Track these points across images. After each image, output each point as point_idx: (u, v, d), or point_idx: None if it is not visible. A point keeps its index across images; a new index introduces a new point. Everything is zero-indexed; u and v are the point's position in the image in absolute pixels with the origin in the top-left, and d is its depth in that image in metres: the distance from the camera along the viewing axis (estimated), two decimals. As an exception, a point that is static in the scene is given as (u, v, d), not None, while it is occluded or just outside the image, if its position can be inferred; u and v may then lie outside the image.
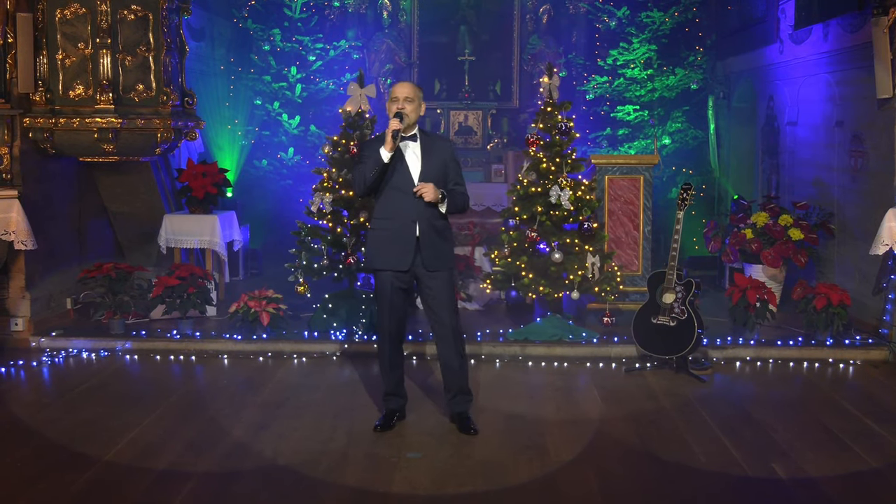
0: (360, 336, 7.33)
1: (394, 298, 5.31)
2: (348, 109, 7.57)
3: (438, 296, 5.29)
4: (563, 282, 7.49)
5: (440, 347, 5.38)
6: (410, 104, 5.25)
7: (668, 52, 11.58)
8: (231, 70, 11.55)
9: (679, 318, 6.63)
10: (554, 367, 6.92)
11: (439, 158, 5.30)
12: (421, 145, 5.31)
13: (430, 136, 5.41)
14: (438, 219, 5.28)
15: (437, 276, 5.29)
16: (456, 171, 5.38)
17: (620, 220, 7.95)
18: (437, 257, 5.28)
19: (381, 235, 5.30)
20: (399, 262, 5.26)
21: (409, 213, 5.22)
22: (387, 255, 5.27)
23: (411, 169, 5.25)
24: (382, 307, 5.33)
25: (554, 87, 7.72)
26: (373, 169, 5.17)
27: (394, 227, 5.25)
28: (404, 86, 5.30)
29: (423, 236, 5.23)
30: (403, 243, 5.23)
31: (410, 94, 5.25)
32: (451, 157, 5.37)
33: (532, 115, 10.40)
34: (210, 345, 7.26)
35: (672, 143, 11.45)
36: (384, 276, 5.31)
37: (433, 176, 5.24)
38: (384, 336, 5.37)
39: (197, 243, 8.42)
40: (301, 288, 7.56)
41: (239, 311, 7.34)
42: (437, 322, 5.32)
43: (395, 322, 5.34)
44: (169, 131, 7.78)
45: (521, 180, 7.70)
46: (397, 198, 5.24)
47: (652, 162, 7.99)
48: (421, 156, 5.28)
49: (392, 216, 5.26)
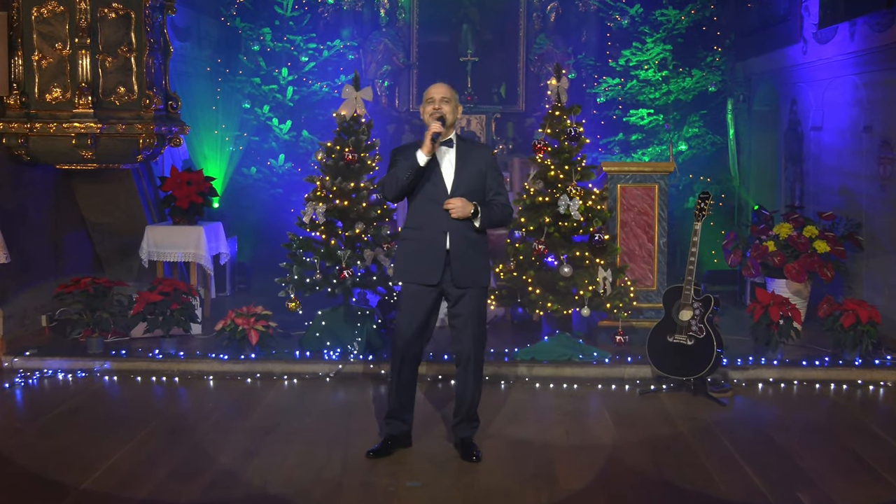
0: (355, 356, 7.32)
1: (417, 314, 5.27)
2: (343, 114, 7.58)
3: (465, 316, 5.27)
4: (572, 298, 7.49)
5: (458, 371, 5.37)
6: (447, 105, 5.24)
7: (685, 52, 11.60)
8: (218, 72, 11.57)
9: (697, 336, 6.62)
10: (563, 389, 6.91)
11: (476, 167, 5.29)
12: (457, 152, 5.30)
13: (467, 143, 5.41)
14: (473, 231, 5.26)
15: (466, 294, 5.27)
16: (496, 181, 5.35)
17: (634, 232, 7.96)
18: (469, 273, 5.25)
19: (409, 247, 5.30)
20: (427, 276, 5.24)
21: (439, 223, 5.20)
22: (414, 267, 5.27)
23: (445, 177, 5.24)
24: (402, 321, 5.31)
25: (562, 89, 7.74)
26: (407, 171, 5.15)
27: (423, 238, 5.24)
28: (440, 86, 5.31)
29: (454, 249, 5.21)
30: (432, 256, 5.22)
31: (447, 95, 5.26)
32: (491, 166, 5.34)
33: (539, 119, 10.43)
34: (195, 365, 7.25)
35: (689, 150, 11.46)
36: (410, 289, 5.30)
37: (468, 186, 5.23)
38: (399, 352, 5.33)
39: (181, 256, 8.43)
40: (292, 304, 7.56)
41: (226, 329, 7.33)
42: (459, 344, 5.31)
43: (413, 339, 5.30)
44: (152, 137, 7.80)
45: (528, 189, 7.70)
46: (428, 207, 5.23)
47: (667, 169, 8.00)
48: (456, 163, 5.27)
49: (422, 226, 5.25)
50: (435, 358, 7.24)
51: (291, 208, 11.01)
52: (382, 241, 7.53)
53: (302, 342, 7.59)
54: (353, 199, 7.46)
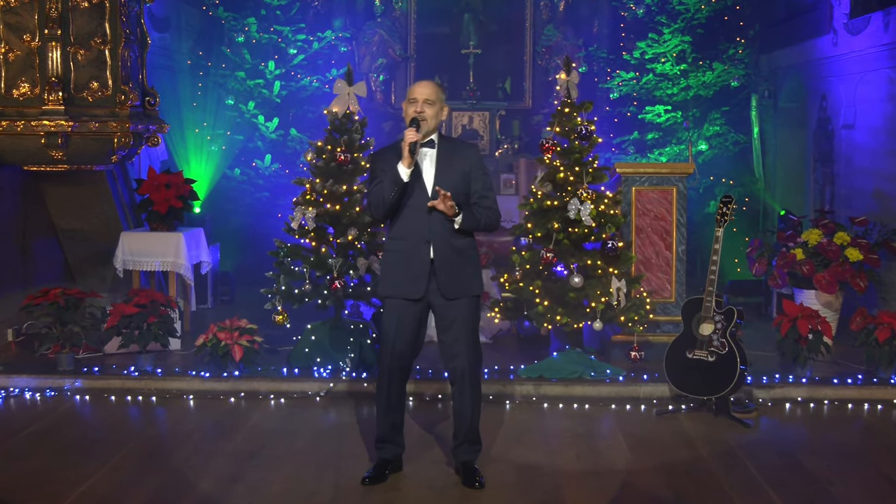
0: (348, 373, 7.33)
1: (402, 329, 5.30)
2: (335, 111, 7.60)
3: (456, 329, 5.28)
4: (583, 310, 7.50)
5: (454, 390, 5.38)
6: (431, 107, 5.27)
7: (705, 44, 11.63)
8: (199, 65, 11.60)
9: (719, 352, 6.63)
10: (573, 409, 6.91)
11: (459, 168, 5.30)
12: (438, 153, 5.32)
13: (452, 143, 5.43)
14: (458, 237, 5.28)
15: (455, 306, 5.28)
16: (482, 183, 5.36)
17: (650, 239, 7.97)
18: (456, 282, 5.28)
19: (392, 258, 5.33)
20: (411, 289, 5.27)
21: (421, 232, 5.23)
22: (397, 280, 5.29)
23: (426, 181, 5.27)
24: (387, 338, 5.33)
25: (572, 84, 7.76)
26: (391, 189, 5.18)
27: (406, 248, 5.27)
28: (424, 86, 5.34)
29: (438, 258, 5.23)
30: (416, 267, 5.24)
31: (431, 96, 5.28)
32: (477, 166, 5.36)
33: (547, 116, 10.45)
34: (174, 383, 7.25)
35: (710, 150, 11.48)
36: (393, 304, 5.32)
37: (451, 189, 5.23)
38: (385, 372, 5.36)
39: (159, 265, 8.44)
40: (279, 317, 7.56)
41: (207, 345, 7.34)
42: (452, 360, 5.32)
43: (400, 357, 5.33)
44: (127, 136, 7.81)
45: (535, 192, 7.72)
46: (409, 215, 5.26)
47: (686, 171, 8.01)
48: (437, 165, 5.29)
49: (404, 236, 5.28)
50: (434, 375, 7.25)
51: (278, 213, 11.02)
52: (377, 248, 7.54)
53: (290, 358, 7.60)
54: (346, 203, 7.48)
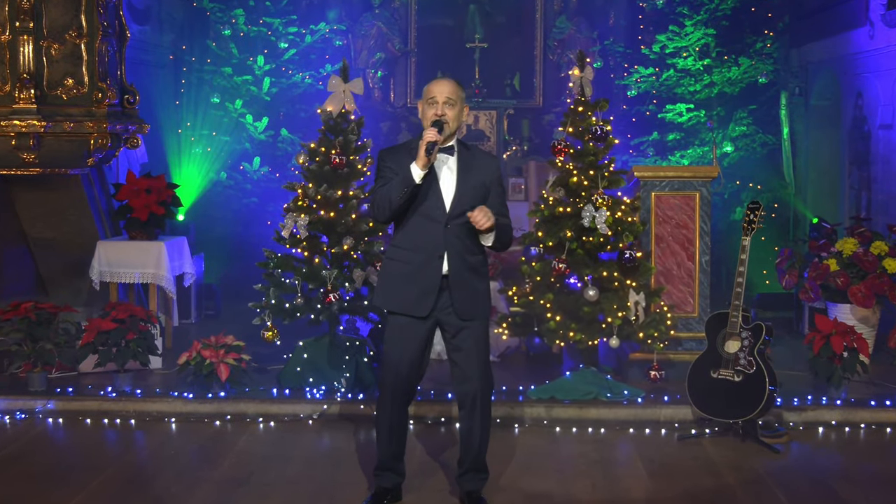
0: (343, 394, 7.33)
1: (407, 349, 5.30)
2: (329, 109, 7.61)
3: (468, 351, 5.29)
4: (598, 326, 7.50)
5: (462, 414, 5.39)
6: (452, 109, 5.24)
7: (730, 37, 11.65)
8: (183, 60, 11.63)
9: (746, 371, 6.62)
10: (588, 433, 6.91)
11: (479, 180, 5.30)
12: (458, 161, 5.30)
13: (471, 151, 5.42)
14: (473, 254, 5.29)
15: (468, 327, 5.29)
16: (500, 199, 5.38)
17: (671, 248, 7.97)
18: (471, 302, 5.28)
19: (398, 270, 5.31)
20: (417, 306, 5.26)
21: (435, 245, 5.22)
22: (403, 295, 5.27)
23: (444, 192, 5.25)
24: (389, 358, 5.33)
25: (587, 81, 7.77)
26: (401, 190, 5.15)
27: (416, 261, 5.25)
28: (444, 84, 5.30)
29: (452, 274, 5.23)
30: (425, 283, 5.23)
31: (452, 96, 5.25)
32: (496, 180, 5.37)
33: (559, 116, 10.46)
34: (154, 405, 7.26)
35: (735, 151, 11.49)
36: (398, 321, 5.32)
37: (470, 202, 5.23)
38: (387, 394, 5.35)
39: (138, 277, 8.45)
40: (269, 334, 7.57)
41: (190, 363, 7.34)
42: (463, 383, 5.32)
43: (403, 379, 5.32)
44: (105, 137, 7.83)
45: (546, 198, 7.73)
46: (423, 226, 5.24)
47: (710, 175, 8.02)
48: (457, 175, 5.28)
49: (414, 247, 5.26)
50: (437, 396, 7.25)
51: (268, 220, 11.04)
52: (375, 258, 7.55)
53: (280, 378, 7.60)
54: (341, 210, 7.48)
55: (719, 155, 11.20)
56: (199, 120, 11.55)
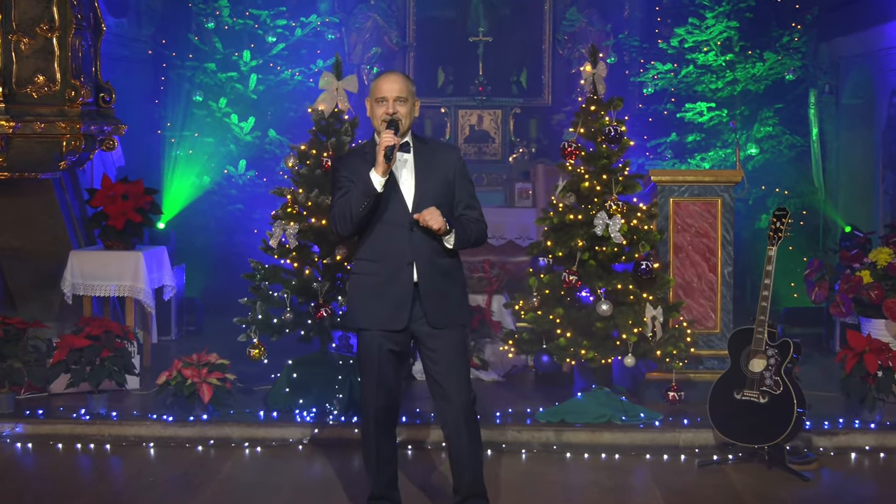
0: (335, 417, 7.33)
1: (383, 368, 5.31)
2: (320, 109, 7.63)
3: (445, 363, 5.29)
4: (612, 343, 7.50)
5: (447, 434, 5.38)
6: (403, 105, 5.27)
7: (755, 30, 11.66)
8: (163, 56, 11.65)
9: (772, 392, 6.62)
10: (601, 459, 6.90)
11: (441, 174, 5.33)
12: (416, 157, 5.33)
13: (428, 145, 5.46)
14: (444, 256, 5.30)
15: (443, 336, 5.29)
16: (467, 191, 5.40)
17: (691, 259, 7.98)
18: (444, 310, 5.29)
19: (366, 283, 5.32)
20: (391, 319, 5.27)
21: (402, 251, 5.24)
22: (374, 309, 5.28)
23: (404, 192, 5.28)
24: (368, 380, 5.33)
25: (599, 77, 7.79)
26: (361, 201, 5.16)
27: (384, 271, 5.27)
28: (393, 79, 5.33)
29: (423, 282, 5.25)
30: (396, 293, 5.25)
31: (403, 92, 5.28)
32: (459, 172, 5.39)
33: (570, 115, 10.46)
34: (131, 429, 7.25)
35: (760, 154, 11.49)
36: (370, 338, 5.32)
37: (433, 198, 5.25)
38: (370, 419, 5.36)
39: (114, 290, 8.45)
40: (255, 351, 7.57)
41: (170, 383, 7.34)
42: (444, 399, 5.32)
43: (384, 399, 5.33)
44: (78, 138, 7.83)
45: (556, 204, 7.73)
46: (387, 233, 5.26)
47: (733, 179, 8.02)
48: (416, 172, 5.31)
49: (380, 257, 5.28)
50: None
51: (255, 229, 11.04)
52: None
53: (267, 399, 7.60)
54: (334, 218, 7.49)
55: (743, 158, 11.20)
56: (181, 120, 11.56)
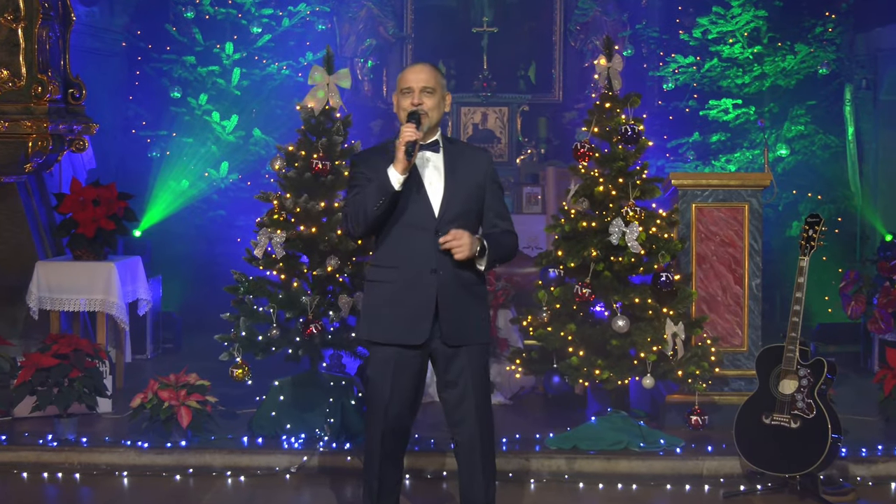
0: (326, 443, 7.33)
1: (396, 387, 5.26)
2: (310, 106, 7.64)
3: (462, 385, 5.26)
4: (629, 362, 7.49)
5: (460, 463, 5.36)
6: (430, 97, 5.26)
7: (785, 20, 11.67)
8: (137, 48, 11.66)
9: (804, 416, 6.62)
10: (617, 490, 6.90)
11: (472, 179, 5.31)
12: (446, 159, 5.32)
13: (457, 146, 5.45)
14: (467, 268, 5.26)
15: (460, 356, 5.26)
16: (497, 198, 5.38)
17: (715, 270, 7.98)
18: (463, 326, 5.26)
19: (381, 291, 5.30)
20: (409, 334, 5.23)
21: (424, 258, 5.21)
22: (391, 321, 5.25)
23: (430, 195, 5.26)
24: (379, 398, 5.29)
25: (615, 72, 7.79)
26: (377, 198, 5.15)
27: (403, 279, 5.24)
28: (419, 70, 5.32)
29: (443, 294, 5.22)
30: (416, 303, 5.22)
31: (430, 83, 5.27)
32: (491, 178, 5.37)
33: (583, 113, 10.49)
34: (103, 456, 7.25)
35: (791, 155, 11.50)
36: (384, 354, 5.28)
37: (462, 206, 5.25)
38: (376, 444, 5.31)
39: (84, 304, 8.45)
40: (239, 371, 7.56)
41: (146, 407, 7.34)
42: (460, 425, 5.30)
43: (394, 423, 5.29)
44: (45, 138, 7.85)
45: (567, 210, 7.74)
46: (409, 237, 5.24)
47: (762, 183, 8.03)
48: (445, 175, 5.29)
49: (400, 263, 5.25)
50: (438, 445, 7.24)
51: (238, 237, 11.05)
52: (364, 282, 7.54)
53: (252, 424, 7.59)
54: (324, 225, 7.49)
55: (772, 159, 11.21)
56: (157, 118, 11.56)
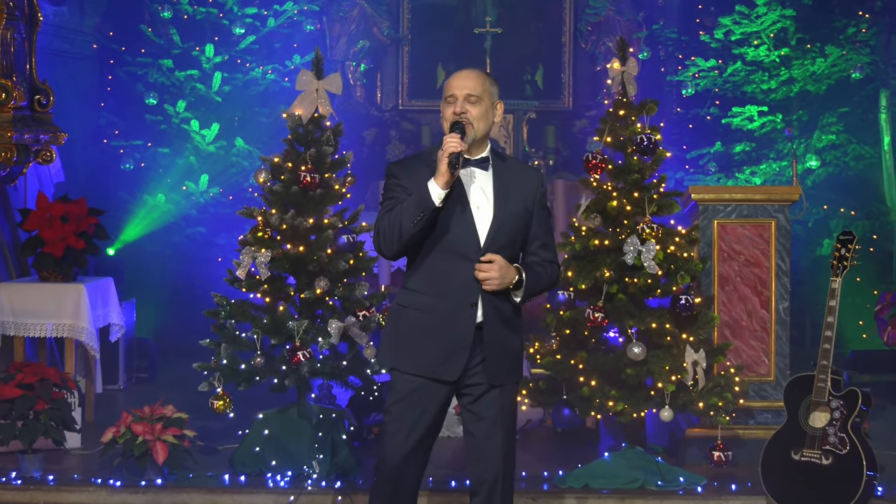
0: (315, 481, 7.32)
1: (421, 421, 5.24)
2: (298, 113, 7.64)
3: (492, 422, 5.24)
4: (646, 393, 7.49)
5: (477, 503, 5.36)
6: (477, 106, 5.22)
7: (814, 20, 11.69)
8: (110, 50, 11.67)
9: (837, 451, 6.62)
10: (633, 532, 6.90)
11: (521, 202, 5.26)
12: (495, 179, 5.27)
13: (509, 164, 5.38)
14: (506, 300, 5.23)
15: (494, 395, 5.25)
16: (545, 225, 5.35)
17: (739, 293, 7.98)
18: (504, 363, 5.25)
19: (415, 319, 5.24)
20: (445, 367, 5.19)
21: (467, 289, 5.16)
22: (425, 352, 5.21)
23: (476, 218, 5.20)
24: (399, 430, 5.25)
25: (629, 76, 7.81)
26: (415, 214, 5.07)
27: (440, 309, 5.19)
28: (466, 76, 5.28)
29: (487, 328, 5.19)
30: (456, 337, 5.18)
31: (476, 90, 5.24)
32: (540, 202, 5.32)
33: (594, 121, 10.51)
34: (71, 495, 7.24)
35: (822, 167, 11.51)
36: (411, 384, 5.24)
37: (510, 233, 5.22)
38: (390, 481, 5.29)
39: (51, 329, 8.45)
40: (220, 403, 7.56)
41: (118, 441, 7.34)
42: (481, 463, 5.28)
43: (410, 459, 5.26)
44: (9, 149, 7.86)
45: (578, 227, 7.75)
46: (449, 264, 5.18)
47: (790, 197, 8.04)
48: (495, 197, 5.23)
49: (438, 291, 5.20)
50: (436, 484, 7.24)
51: (219, 257, 11.05)
52: (357, 306, 7.55)
53: (234, 461, 7.59)
54: (313, 244, 7.49)
55: (801, 171, 11.22)
56: (131, 127, 11.57)
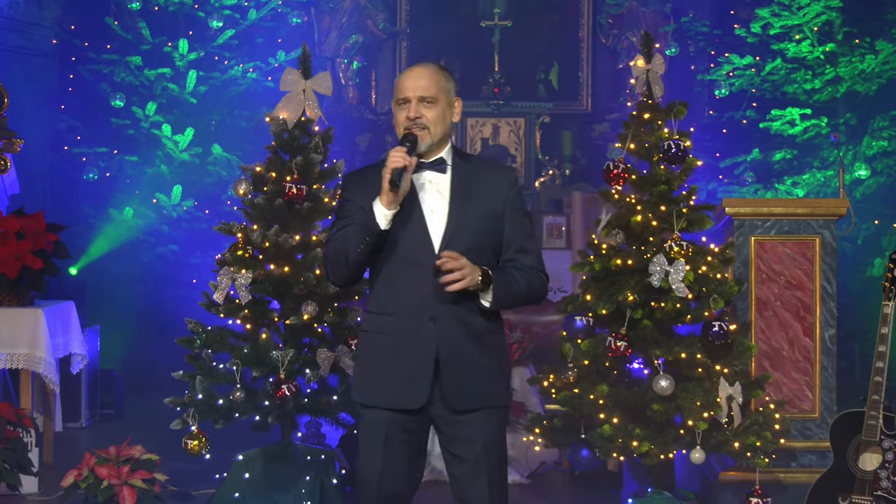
0: (301, 531, 7.33)
1: (392, 458, 5.23)
2: (282, 117, 7.66)
3: (477, 460, 5.22)
4: (674, 431, 7.49)
5: None
6: (432, 109, 5.22)
7: (863, 12, 11.71)
8: (71, 46, 11.70)
9: (890, 497, 6.61)
10: (660, 589, 6.90)
11: (486, 204, 5.24)
12: (454, 180, 5.27)
13: (473, 164, 5.37)
14: (478, 314, 5.22)
15: (474, 423, 5.21)
16: (521, 228, 5.31)
17: (780, 319, 7.98)
18: (476, 386, 5.21)
19: (375, 344, 5.26)
20: (404, 395, 5.18)
21: (422, 303, 5.17)
22: (382, 379, 5.22)
23: (430, 225, 5.21)
24: (369, 472, 5.26)
25: (655, 75, 7.82)
26: (359, 240, 5.11)
27: (399, 328, 5.20)
28: (418, 74, 5.28)
29: (445, 347, 5.18)
30: (414, 360, 5.17)
31: (430, 91, 5.22)
32: (512, 202, 5.29)
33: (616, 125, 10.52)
34: (26, 548, 7.28)
35: (872, 177, 11.51)
36: (377, 418, 5.24)
37: (472, 238, 5.20)
38: None
39: (4, 360, 8.46)
40: (194, 443, 7.55)
41: (80, 486, 7.34)
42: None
43: (389, 501, 5.29)
44: (-42, 157, 7.89)
45: (598, 245, 7.75)
46: (405, 277, 5.19)
47: (837, 211, 8.04)
48: (451, 199, 5.23)
49: (395, 309, 5.21)
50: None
51: (193, 278, 11.06)
52: (348, 333, 7.55)
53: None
54: (299, 263, 7.50)
55: (849, 182, 11.23)
56: (95, 132, 11.59)
